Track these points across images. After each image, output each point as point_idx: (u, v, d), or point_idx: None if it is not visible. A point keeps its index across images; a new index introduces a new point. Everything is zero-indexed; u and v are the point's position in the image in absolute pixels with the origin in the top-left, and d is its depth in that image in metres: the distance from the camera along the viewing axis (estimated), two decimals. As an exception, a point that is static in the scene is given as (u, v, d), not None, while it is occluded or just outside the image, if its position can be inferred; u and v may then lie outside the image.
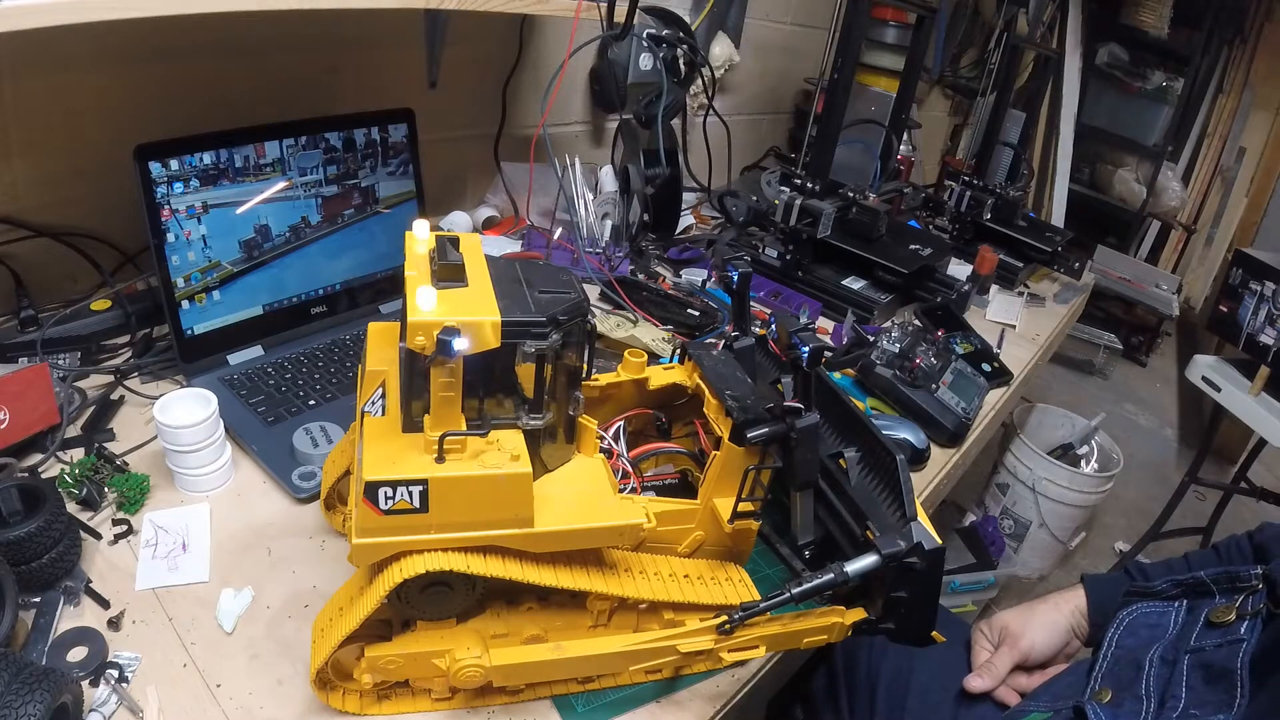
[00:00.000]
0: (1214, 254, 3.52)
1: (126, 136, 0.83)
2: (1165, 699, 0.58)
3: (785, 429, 0.62)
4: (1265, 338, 1.92)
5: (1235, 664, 0.56)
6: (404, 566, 0.52)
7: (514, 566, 0.55)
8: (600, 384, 0.71)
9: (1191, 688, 0.57)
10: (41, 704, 0.50)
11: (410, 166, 1.09)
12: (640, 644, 0.61)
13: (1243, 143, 3.42)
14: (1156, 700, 0.58)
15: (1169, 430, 3.11)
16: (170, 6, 0.71)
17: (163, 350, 0.96)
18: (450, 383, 0.51)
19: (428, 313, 0.49)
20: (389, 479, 0.50)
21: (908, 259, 1.38)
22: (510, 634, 0.61)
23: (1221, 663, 0.57)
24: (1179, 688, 0.57)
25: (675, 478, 0.77)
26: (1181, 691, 0.57)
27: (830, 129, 1.36)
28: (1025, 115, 2.19)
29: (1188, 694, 0.57)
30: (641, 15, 1.28)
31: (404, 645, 0.58)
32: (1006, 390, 1.26)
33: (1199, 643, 0.60)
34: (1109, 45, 3.34)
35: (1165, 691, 0.58)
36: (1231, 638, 0.59)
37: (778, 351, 0.72)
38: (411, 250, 0.56)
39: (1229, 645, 0.58)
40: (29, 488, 0.67)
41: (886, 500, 0.64)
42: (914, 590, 0.62)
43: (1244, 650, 0.57)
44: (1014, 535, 2.06)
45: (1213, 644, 0.59)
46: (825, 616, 0.66)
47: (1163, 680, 0.59)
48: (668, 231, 1.49)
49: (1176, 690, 0.57)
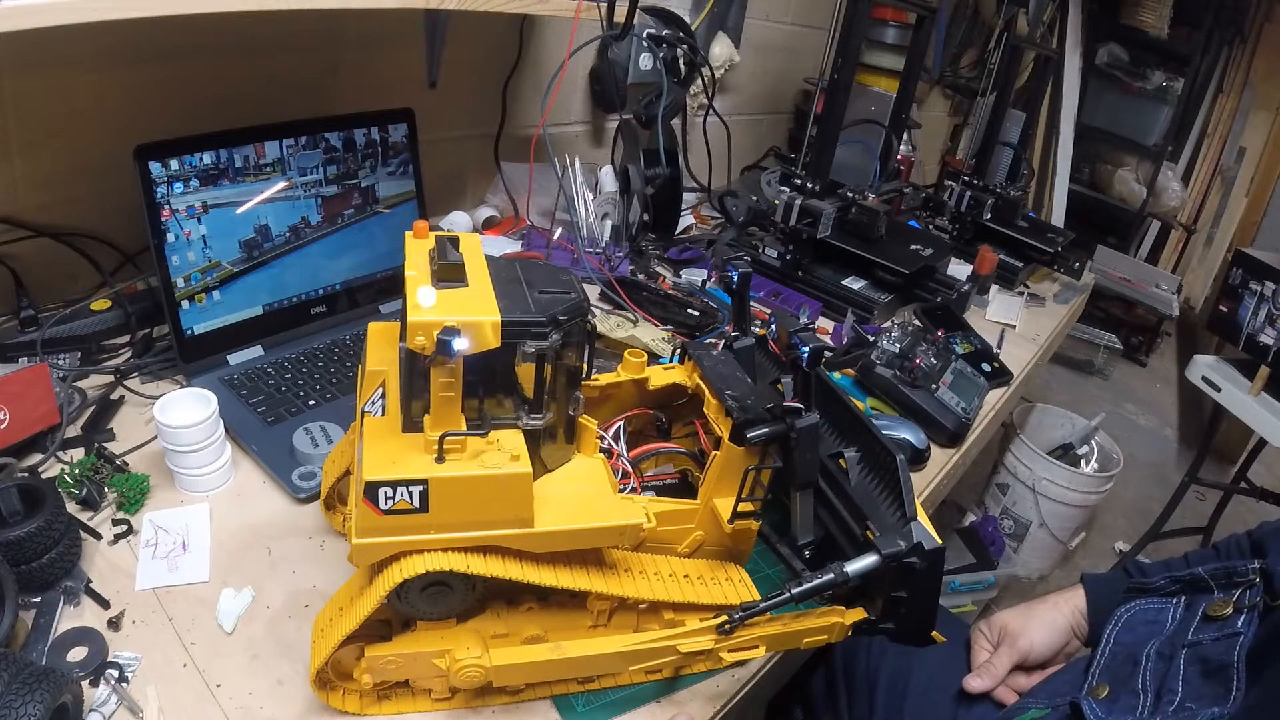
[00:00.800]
0: (1214, 254, 3.52)
1: (126, 136, 0.83)
2: (1162, 693, 0.58)
3: (785, 429, 0.62)
4: (1265, 338, 1.92)
5: (1232, 658, 0.56)
6: (404, 566, 0.52)
7: (514, 566, 0.55)
8: (600, 384, 0.71)
9: (1188, 682, 0.57)
10: (41, 704, 0.50)
11: (410, 166, 1.09)
12: (640, 644, 0.61)
13: (1243, 143, 3.42)
14: (1153, 695, 0.58)
15: (1169, 430, 3.11)
16: (170, 6, 0.71)
17: (163, 350, 0.96)
18: (450, 383, 0.51)
19: (428, 312, 0.49)
20: (389, 479, 0.50)
21: (908, 259, 1.38)
22: (510, 634, 0.61)
23: (1218, 657, 0.57)
24: (1175, 682, 0.57)
25: (675, 478, 0.77)
26: (1178, 685, 0.57)
27: (830, 129, 1.36)
28: (1025, 115, 2.18)
29: (1184, 688, 0.57)
30: (641, 15, 1.28)
31: (404, 645, 0.58)
32: (1006, 390, 1.26)
33: (1196, 637, 0.60)
34: (1109, 45, 3.34)
35: (1162, 686, 0.58)
36: (1228, 631, 0.59)
37: (778, 351, 0.72)
38: (411, 250, 0.56)
39: (1226, 639, 0.58)
40: (29, 488, 0.67)
41: (886, 500, 0.64)
42: (914, 590, 0.62)
43: (1240, 644, 0.57)
44: (1014, 535, 2.06)
45: (1210, 638, 0.59)
46: (825, 616, 0.66)
47: (1159, 675, 0.59)
48: (668, 231, 1.49)
49: (1173, 684, 0.57)
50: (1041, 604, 0.81)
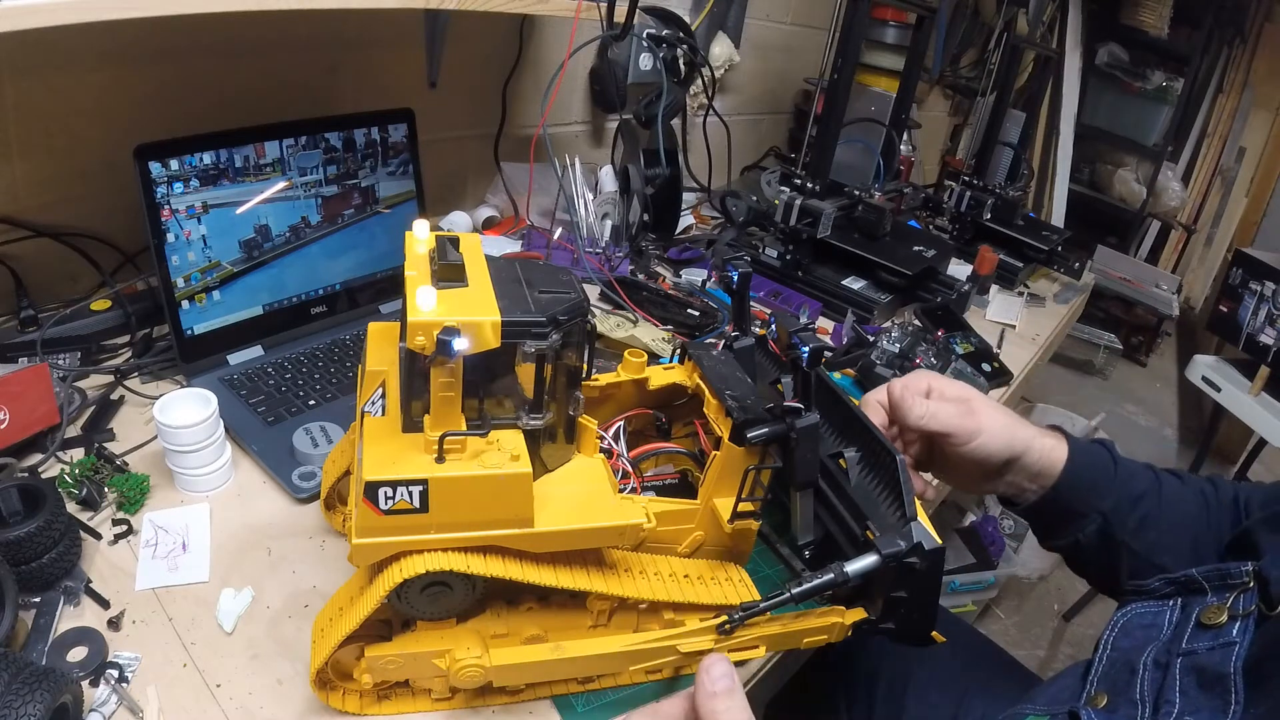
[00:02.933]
0: (1214, 254, 3.53)
1: (126, 136, 0.83)
2: (1159, 704, 0.57)
3: (785, 429, 0.62)
4: (1265, 338, 1.92)
5: (1229, 668, 0.55)
6: (404, 566, 0.52)
7: (514, 566, 0.55)
8: (600, 384, 0.70)
9: (1185, 692, 0.56)
10: (41, 704, 0.50)
11: (410, 166, 1.09)
12: (641, 644, 0.61)
13: (1243, 143, 3.42)
14: (1151, 705, 0.58)
15: (1169, 430, 3.11)
16: (170, 6, 0.71)
17: (163, 350, 0.96)
18: (450, 383, 0.51)
19: (428, 313, 0.48)
20: (389, 479, 0.50)
21: (911, 260, 1.38)
22: (510, 634, 0.61)
23: (1215, 667, 0.56)
24: (1173, 692, 0.57)
25: (675, 478, 0.77)
26: (1175, 696, 0.56)
27: (830, 129, 1.36)
28: (1025, 115, 2.19)
29: (1181, 699, 0.56)
30: (641, 15, 1.28)
31: (404, 645, 0.58)
32: (1006, 390, 1.26)
33: (1191, 645, 0.59)
34: (1109, 45, 3.34)
35: (1159, 696, 0.58)
36: (1224, 640, 0.58)
37: (778, 351, 0.72)
38: (411, 250, 0.56)
39: (1221, 648, 0.57)
40: (29, 488, 0.67)
41: (886, 500, 0.64)
42: (914, 590, 0.62)
43: (1236, 654, 0.56)
44: (1014, 535, 2.06)
45: (1205, 647, 0.58)
46: (825, 616, 0.66)
47: (1156, 684, 0.59)
48: (668, 231, 1.49)
49: (1170, 695, 0.57)
50: (1005, 414, 0.75)
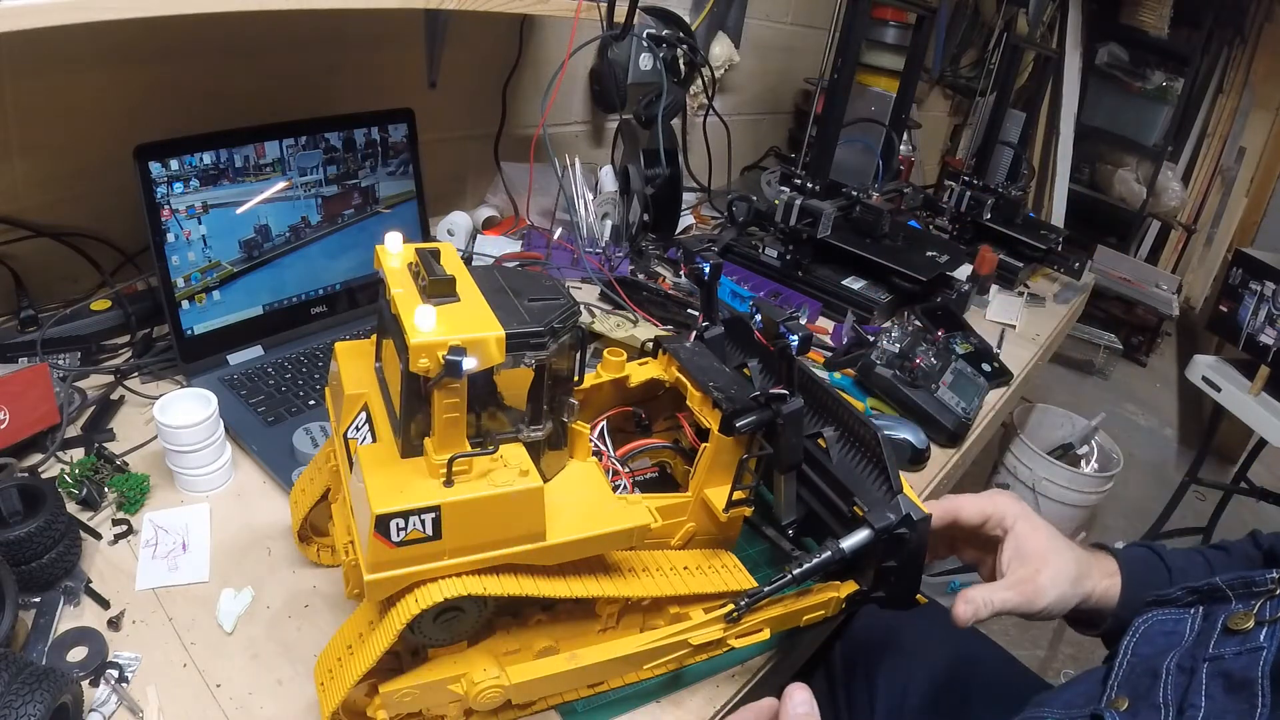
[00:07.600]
0: (1214, 254, 3.53)
1: (126, 136, 0.83)
2: (1184, 708, 0.57)
3: (772, 415, 0.63)
4: (1265, 338, 1.92)
5: (1256, 673, 0.55)
6: (419, 597, 0.50)
7: (528, 582, 0.54)
8: (584, 387, 0.70)
9: (1210, 697, 0.56)
10: (41, 704, 0.50)
11: (410, 166, 1.09)
12: (654, 642, 0.61)
13: (1243, 143, 3.42)
14: (1175, 709, 0.57)
15: (1169, 430, 3.11)
16: (170, 6, 0.71)
17: (163, 350, 0.96)
18: (456, 403, 0.49)
19: (429, 333, 0.46)
20: (400, 510, 0.48)
21: (925, 266, 1.38)
22: (522, 649, 0.59)
23: (1241, 671, 0.56)
24: (1198, 696, 0.56)
25: (654, 471, 0.78)
26: (1200, 700, 0.56)
27: (830, 129, 1.36)
28: (1025, 115, 2.18)
29: (1207, 703, 0.56)
30: (641, 15, 1.28)
31: (419, 676, 0.55)
32: (1006, 390, 1.26)
33: (1217, 650, 0.59)
34: (1109, 45, 3.34)
35: (1183, 700, 0.57)
36: (1251, 645, 0.57)
37: (763, 341, 0.72)
38: (387, 265, 0.53)
39: (1248, 653, 0.57)
40: (29, 488, 0.67)
41: (870, 475, 0.66)
42: (903, 559, 0.64)
43: (1264, 659, 0.56)
44: (1014, 535, 2.06)
45: (1231, 652, 0.58)
46: (823, 593, 0.67)
47: (1180, 688, 0.58)
48: (668, 231, 1.49)
49: (1195, 699, 0.56)
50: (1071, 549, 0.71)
